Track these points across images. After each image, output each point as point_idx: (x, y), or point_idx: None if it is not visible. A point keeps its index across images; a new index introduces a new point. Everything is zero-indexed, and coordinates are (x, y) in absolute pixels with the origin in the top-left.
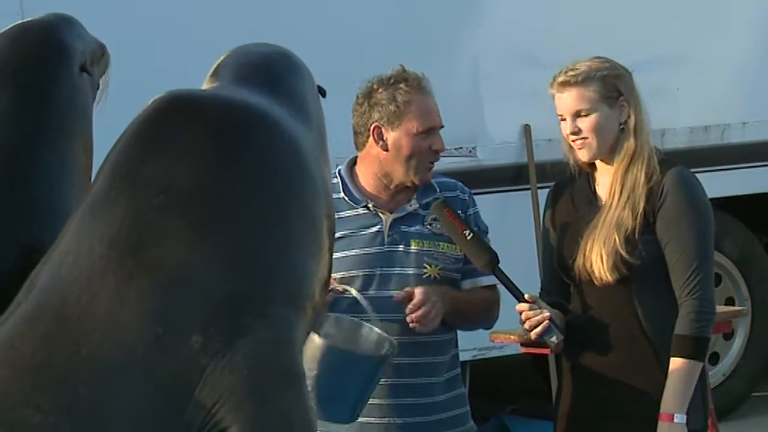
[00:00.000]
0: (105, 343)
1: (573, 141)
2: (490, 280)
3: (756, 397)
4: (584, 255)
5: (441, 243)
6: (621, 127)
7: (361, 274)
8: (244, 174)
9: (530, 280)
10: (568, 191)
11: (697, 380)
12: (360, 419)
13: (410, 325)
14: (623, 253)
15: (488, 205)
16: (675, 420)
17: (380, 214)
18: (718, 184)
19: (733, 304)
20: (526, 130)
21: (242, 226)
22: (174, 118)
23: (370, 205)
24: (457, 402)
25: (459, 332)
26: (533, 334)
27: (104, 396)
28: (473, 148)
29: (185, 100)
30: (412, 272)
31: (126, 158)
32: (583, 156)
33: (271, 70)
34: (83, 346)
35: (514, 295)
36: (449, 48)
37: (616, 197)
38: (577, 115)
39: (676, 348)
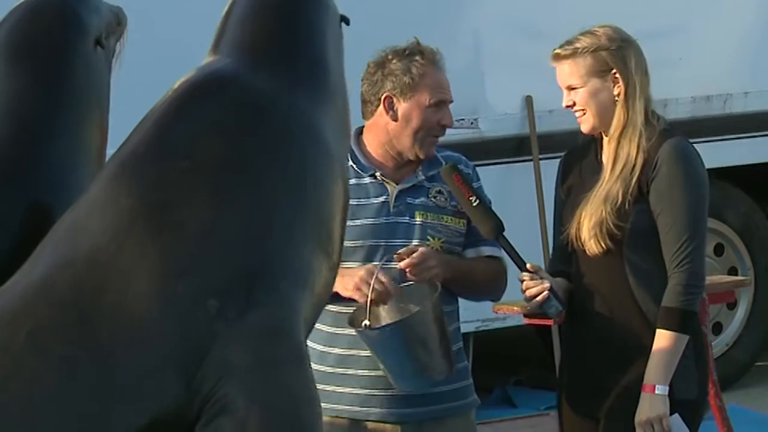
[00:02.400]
0: (127, 293)
1: (574, 113)
2: (493, 250)
3: (759, 366)
4: (577, 225)
5: (445, 216)
6: (615, 100)
7: (366, 244)
8: (264, 151)
9: (532, 252)
10: (578, 159)
11: (682, 352)
12: (363, 391)
13: (406, 271)
14: (611, 224)
15: (491, 177)
16: (656, 391)
17: (386, 185)
18: (720, 153)
19: (736, 274)
20: (528, 101)
21: (260, 200)
22: (205, 94)
23: (377, 174)
24: (460, 375)
25: (462, 304)
26: (533, 304)
27: (121, 342)
28: (475, 119)
29: (217, 78)
30: (415, 244)
31: (158, 122)
32: (583, 128)
33: (285, 34)
34: (108, 291)
35: (516, 264)
36: (450, 20)
37: (609, 169)
38: (570, 88)
39: (661, 320)
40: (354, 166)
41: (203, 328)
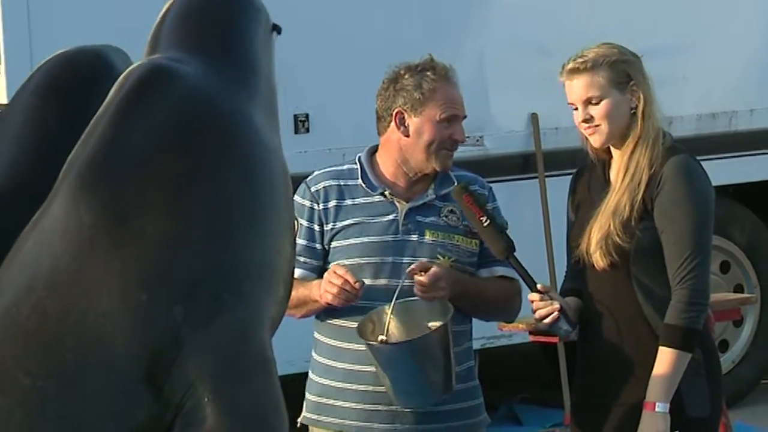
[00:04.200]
0: (90, 311)
1: (585, 129)
2: (507, 270)
3: (765, 384)
4: (587, 239)
5: (456, 236)
6: (632, 111)
7: (372, 261)
8: (214, 152)
9: (539, 269)
10: (586, 177)
11: (684, 370)
12: (367, 406)
13: (415, 289)
14: (617, 239)
15: (496, 194)
16: (657, 409)
17: (396, 203)
18: (726, 171)
19: (742, 291)
20: (534, 118)
21: (216, 201)
22: (153, 96)
23: (386, 193)
24: (470, 393)
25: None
26: (542, 325)
27: (88, 364)
28: (480, 137)
29: (163, 77)
30: (427, 261)
31: (110, 130)
32: (595, 142)
33: (217, 33)
34: (72, 313)
35: (527, 284)
36: (456, 36)
37: (619, 182)
38: (588, 102)
39: (663, 337)
40: (363, 185)
41: (170, 335)
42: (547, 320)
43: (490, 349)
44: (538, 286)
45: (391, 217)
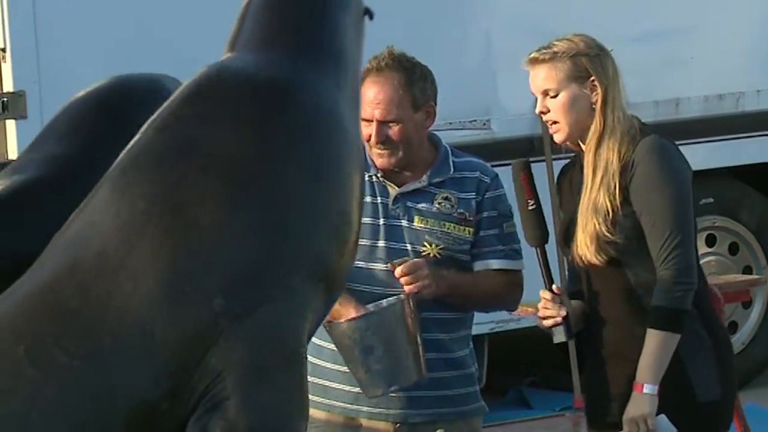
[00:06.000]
0: (134, 296)
1: (546, 122)
2: (503, 263)
3: None
4: (576, 240)
5: (448, 223)
6: (593, 107)
7: (364, 244)
8: (280, 150)
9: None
10: (569, 174)
11: (673, 351)
12: (354, 389)
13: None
14: (604, 235)
15: (503, 178)
16: (644, 390)
17: (388, 187)
18: (733, 152)
19: (750, 273)
20: None
21: (274, 197)
22: (221, 90)
23: (379, 175)
24: (464, 381)
25: None
26: (543, 324)
27: (125, 348)
28: (487, 120)
29: (232, 74)
30: (410, 248)
31: (173, 120)
32: (557, 138)
33: (304, 26)
34: (115, 297)
35: (544, 280)
36: (462, 20)
37: (590, 179)
38: (545, 94)
39: (651, 319)
40: None
41: (207, 326)
42: (548, 322)
43: (500, 333)
44: (554, 286)
45: (380, 200)
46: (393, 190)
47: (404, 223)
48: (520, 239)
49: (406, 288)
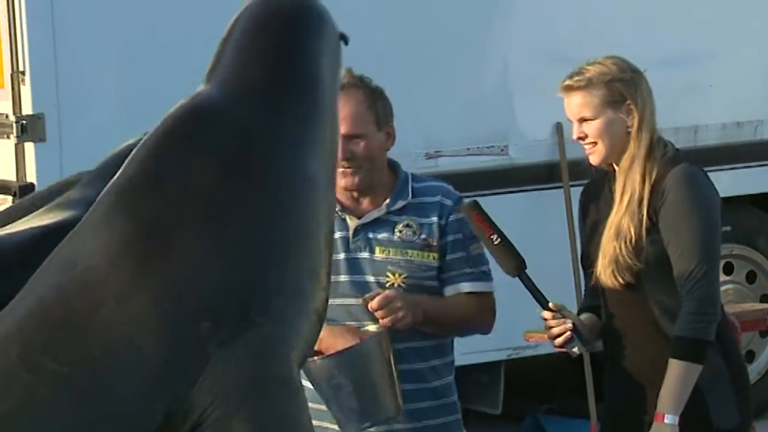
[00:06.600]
0: (120, 312)
1: (583, 146)
2: (474, 286)
3: None
4: (597, 263)
5: (410, 250)
6: (628, 130)
7: None
8: (255, 180)
9: (564, 280)
10: (595, 194)
11: (694, 382)
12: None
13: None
14: (625, 259)
15: (521, 204)
16: (665, 420)
17: (347, 220)
18: (751, 180)
19: None
20: (558, 128)
21: (252, 222)
22: (195, 126)
23: (338, 209)
24: (446, 410)
25: (493, 332)
26: (556, 343)
27: (115, 360)
28: (505, 146)
29: (206, 110)
30: (373, 280)
31: (152, 152)
32: (593, 160)
33: (279, 61)
34: (102, 309)
35: (538, 302)
36: (480, 45)
37: (618, 202)
38: (582, 120)
39: (673, 349)
40: None
41: (196, 350)
42: (560, 339)
43: (516, 360)
44: (550, 304)
45: (340, 234)
46: (353, 222)
47: (366, 255)
48: (489, 260)
49: (381, 322)
